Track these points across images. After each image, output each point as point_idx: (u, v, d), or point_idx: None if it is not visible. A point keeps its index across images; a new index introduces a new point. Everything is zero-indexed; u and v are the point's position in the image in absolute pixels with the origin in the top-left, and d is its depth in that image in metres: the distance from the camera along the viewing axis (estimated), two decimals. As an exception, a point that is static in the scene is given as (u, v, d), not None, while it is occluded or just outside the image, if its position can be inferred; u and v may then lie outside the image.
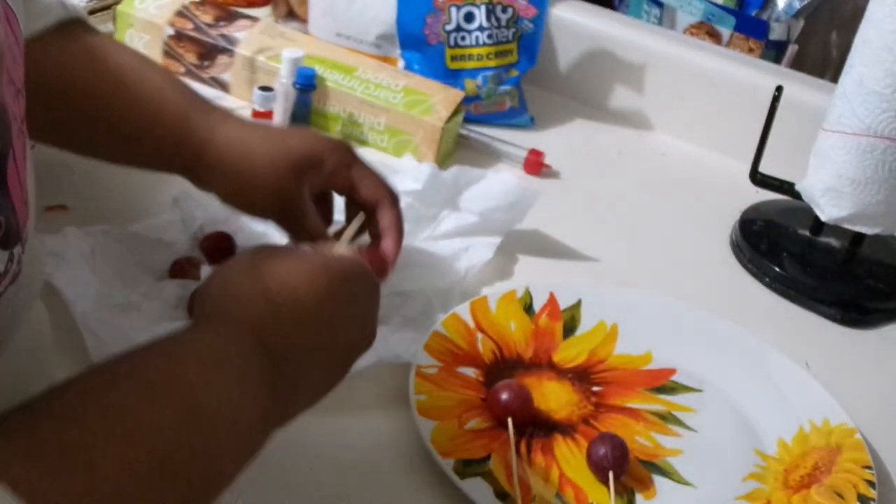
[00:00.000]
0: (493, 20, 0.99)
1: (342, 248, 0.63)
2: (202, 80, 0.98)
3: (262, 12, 1.11)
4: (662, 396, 0.69)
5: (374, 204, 0.68)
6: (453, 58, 1.00)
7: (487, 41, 1.00)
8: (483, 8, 0.99)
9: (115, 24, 1.00)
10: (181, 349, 0.43)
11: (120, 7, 0.99)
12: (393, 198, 0.68)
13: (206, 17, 0.98)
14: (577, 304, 0.75)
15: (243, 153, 0.65)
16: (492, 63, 1.00)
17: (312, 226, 0.67)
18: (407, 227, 0.78)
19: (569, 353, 0.72)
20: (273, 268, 0.50)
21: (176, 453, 0.38)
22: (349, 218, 0.69)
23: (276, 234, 0.75)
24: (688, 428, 0.67)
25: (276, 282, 0.48)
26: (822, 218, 0.83)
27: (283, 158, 0.65)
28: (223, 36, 0.97)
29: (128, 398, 0.38)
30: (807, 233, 0.87)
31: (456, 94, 0.93)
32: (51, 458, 0.34)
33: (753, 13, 1.11)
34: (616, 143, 1.03)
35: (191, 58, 0.97)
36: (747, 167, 0.88)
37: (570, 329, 0.74)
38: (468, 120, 0.97)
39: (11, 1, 0.42)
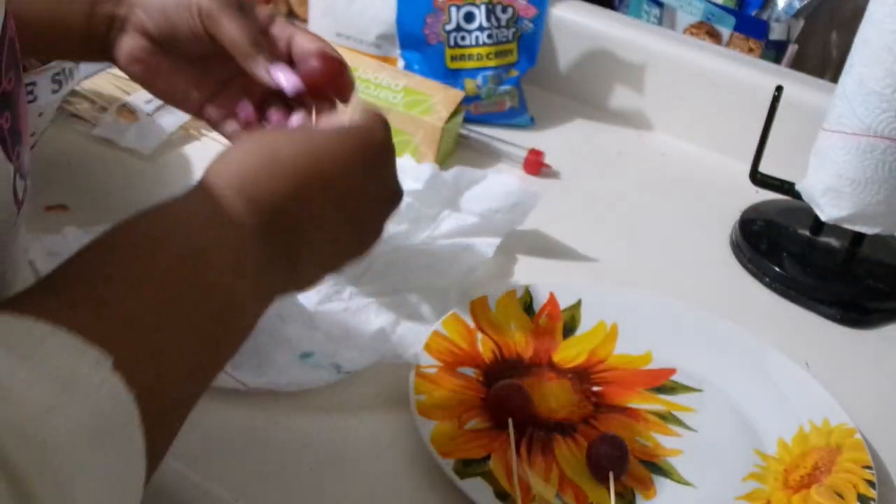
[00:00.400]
0: (493, 20, 0.99)
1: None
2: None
3: (262, 12, 1.11)
4: (662, 396, 0.69)
5: (314, 49, 0.64)
6: (453, 58, 1.00)
7: (487, 41, 1.00)
8: (483, 8, 0.99)
9: (115, 24, 1.00)
10: (175, 208, 0.45)
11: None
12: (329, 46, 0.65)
13: (206, 17, 0.98)
14: (577, 304, 0.75)
15: None
16: (492, 63, 1.00)
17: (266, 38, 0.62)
18: (407, 226, 0.79)
19: (569, 353, 0.72)
20: (267, 140, 0.50)
21: (188, 290, 0.42)
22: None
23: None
24: (688, 428, 0.67)
25: (268, 149, 0.49)
26: (822, 218, 0.83)
27: None
28: (223, 36, 0.96)
29: (138, 250, 0.42)
30: (807, 233, 0.87)
31: (456, 94, 0.93)
32: (88, 307, 0.38)
33: (753, 13, 1.11)
34: (616, 143, 1.03)
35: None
36: (747, 167, 0.88)
37: (570, 329, 0.74)
38: (468, 120, 0.97)
39: None
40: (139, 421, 0.36)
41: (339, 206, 0.51)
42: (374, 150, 0.53)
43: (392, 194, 0.56)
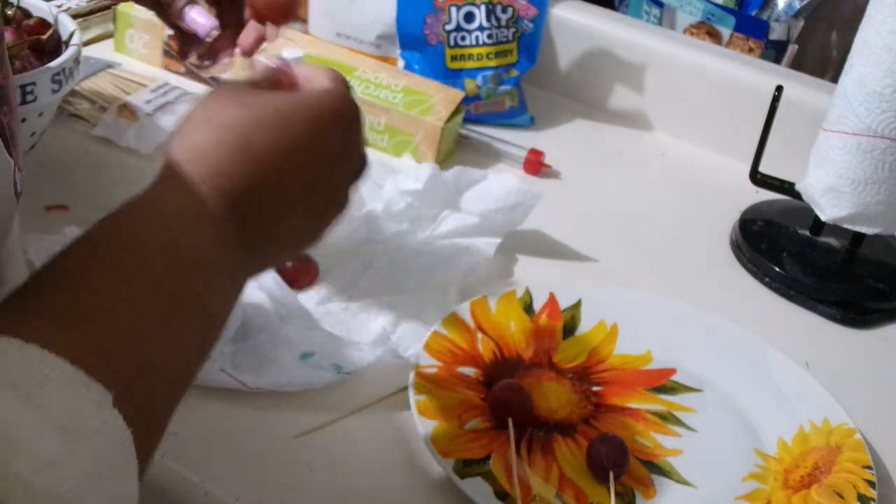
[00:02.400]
0: (493, 20, 0.99)
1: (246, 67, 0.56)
2: (202, 81, 0.98)
3: (262, 12, 1.11)
4: (662, 396, 0.69)
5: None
6: (453, 58, 1.00)
7: (487, 41, 1.00)
8: (483, 8, 0.99)
9: (115, 24, 1.00)
10: (153, 207, 0.44)
11: (120, 7, 0.99)
12: None
13: (206, 17, 0.98)
14: (577, 304, 0.75)
15: None
16: (492, 63, 1.00)
17: None
18: (407, 226, 0.79)
19: (569, 353, 0.72)
20: (237, 121, 0.47)
21: (173, 299, 0.41)
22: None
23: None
24: (688, 428, 0.67)
25: (239, 137, 0.47)
26: (822, 218, 0.83)
27: None
28: (223, 36, 0.96)
29: (122, 260, 0.41)
30: (807, 233, 0.87)
31: (456, 94, 0.93)
32: (70, 323, 0.37)
33: (753, 13, 1.12)
34: (616, 143, 1.03)
35: (191, 57, 0.97)
36: (747, 167, 0.88)
37: (570, 329, 0.74)
38: (468, 120, 0.97)
39: None
40: (134, 454, 0.36)
41: (313, 186, 0.49)
42: (345, 121, 0.51)
43: (360, 161, 0.53)
